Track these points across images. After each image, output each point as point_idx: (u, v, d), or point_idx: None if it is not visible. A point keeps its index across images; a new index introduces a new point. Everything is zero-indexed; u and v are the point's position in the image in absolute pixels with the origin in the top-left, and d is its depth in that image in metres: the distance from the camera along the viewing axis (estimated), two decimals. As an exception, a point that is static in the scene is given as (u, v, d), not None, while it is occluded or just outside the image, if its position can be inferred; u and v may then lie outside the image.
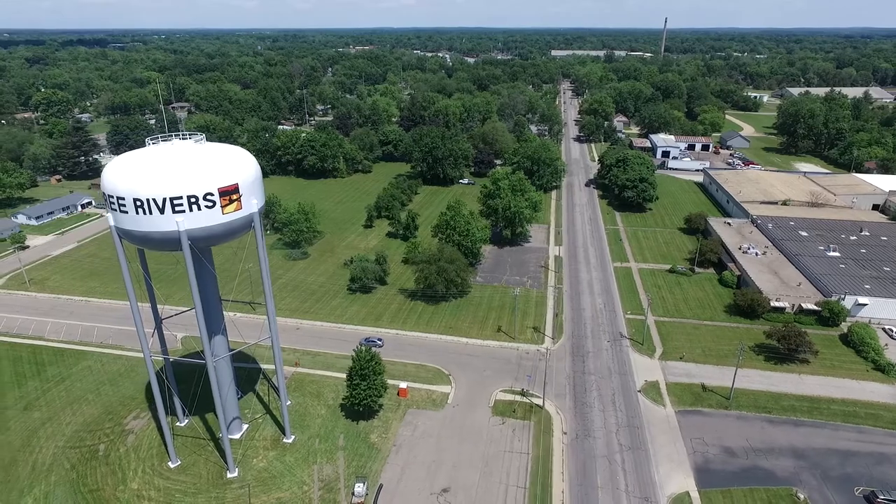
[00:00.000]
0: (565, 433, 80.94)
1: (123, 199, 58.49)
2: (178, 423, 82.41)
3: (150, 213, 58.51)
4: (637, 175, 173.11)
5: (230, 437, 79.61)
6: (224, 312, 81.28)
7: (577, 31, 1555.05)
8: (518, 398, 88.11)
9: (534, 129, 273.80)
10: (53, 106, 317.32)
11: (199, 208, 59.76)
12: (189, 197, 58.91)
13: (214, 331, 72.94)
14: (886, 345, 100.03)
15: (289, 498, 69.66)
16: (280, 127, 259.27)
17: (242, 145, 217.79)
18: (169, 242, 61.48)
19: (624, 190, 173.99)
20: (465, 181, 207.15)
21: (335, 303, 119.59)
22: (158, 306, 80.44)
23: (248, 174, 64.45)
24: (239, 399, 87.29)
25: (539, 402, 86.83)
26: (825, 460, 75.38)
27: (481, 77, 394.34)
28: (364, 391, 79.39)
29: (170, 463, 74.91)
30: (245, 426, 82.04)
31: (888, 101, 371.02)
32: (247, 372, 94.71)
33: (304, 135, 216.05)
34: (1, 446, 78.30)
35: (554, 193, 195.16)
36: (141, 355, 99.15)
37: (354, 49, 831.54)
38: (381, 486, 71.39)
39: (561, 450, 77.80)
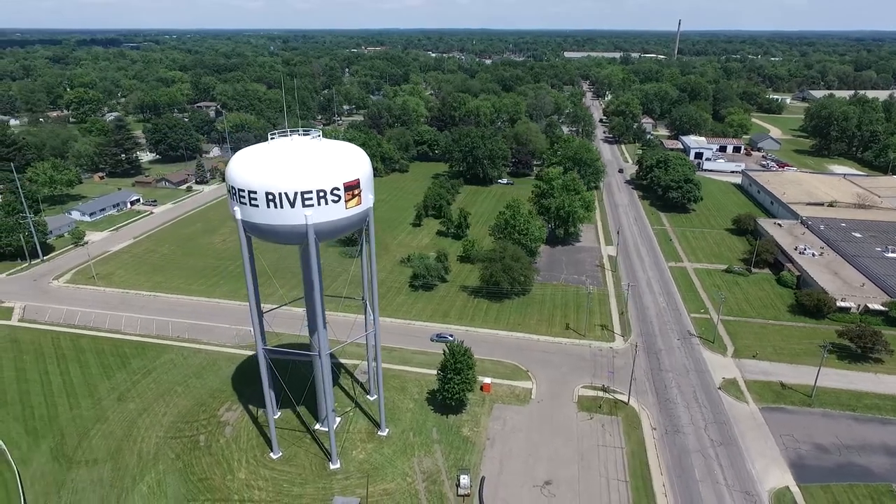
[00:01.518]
0: (654, 428, 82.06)
1: (255, 192, 59.99)
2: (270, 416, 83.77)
3: (281, 206, 59.99)
4: (682, 176, 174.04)
5: (325, 429, 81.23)
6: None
7: (585, 33, 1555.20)
8: (600, 394, 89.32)
9: (565, 129, 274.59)
10: (85, 105, 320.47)
11: (326, 202, 61.21)
12: (318, 191, 60.39)
13: (320, 325, 74.00)
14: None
15: (395, 489, 71.03)
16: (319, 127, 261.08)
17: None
18: (294, 236, 62.97)
19: (668, 191, 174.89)
20: (504, 181, 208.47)
21: (399, 299, 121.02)
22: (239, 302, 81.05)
23: (366, 170, 65.88)
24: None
25: (622, 398, 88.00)
26: (917, 457, 76.31)
27: (504, 78, 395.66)
28: (458, 385, 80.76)
29: (272, 454, 76.40)
30: (338, 419, 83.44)
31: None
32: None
33: (343, 134, 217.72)
34: (105, 436, 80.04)
35: (594, 194, 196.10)
36: (221, 349, 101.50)
37: (368, 50, 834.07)
38: (483, 479, 72.70)
39: (653, 444, 78.94)
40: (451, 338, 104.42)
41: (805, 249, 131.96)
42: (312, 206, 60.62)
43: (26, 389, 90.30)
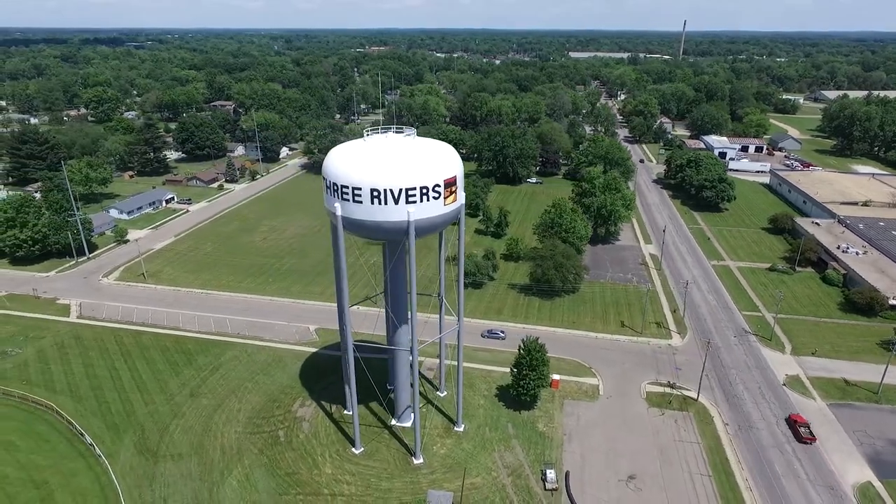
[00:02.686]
0: (727, 424, 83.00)
1: (360, 189, 60.81)
2: (345, 412, 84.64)
3: (385, 203, 60.84)
4: (716, 175, 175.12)
5: (403, 424, 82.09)
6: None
7: (587, 33, 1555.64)
8: (667, 391, 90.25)
9: (587, 129, 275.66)
10: (104, 103, 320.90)
11: (428, 199, 62.08)
12: (421, 188, 61.29)
13: (413, 321, 74.04)
14: None
15: (481, 483, 71.87)
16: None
17: (309, 143, 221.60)
18: (394, 232, 63.76)
19: (702, 190, 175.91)
20: (533, 180, 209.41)
21: (451, 297, 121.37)
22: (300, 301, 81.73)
23: (460, 168, 66.76)
24: (391, 391, 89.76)
25: (689, 394, 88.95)
26: None
27: (520, 78, 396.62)
28: (533, 381, 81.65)
29: (353, 449, 77.17)
30: (412, 415, 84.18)
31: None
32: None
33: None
34: (184, 430, 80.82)
35: (635, 192, 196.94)
36: (284, 346, 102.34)
37: (374, 50, 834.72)
38: (567, 473, 73.58)
39: (728, 440, 79.87)
40: (501, 334, 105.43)
41: (848, 248, 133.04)
42: (415, 202, 61.50)
43: (98, 385, 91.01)
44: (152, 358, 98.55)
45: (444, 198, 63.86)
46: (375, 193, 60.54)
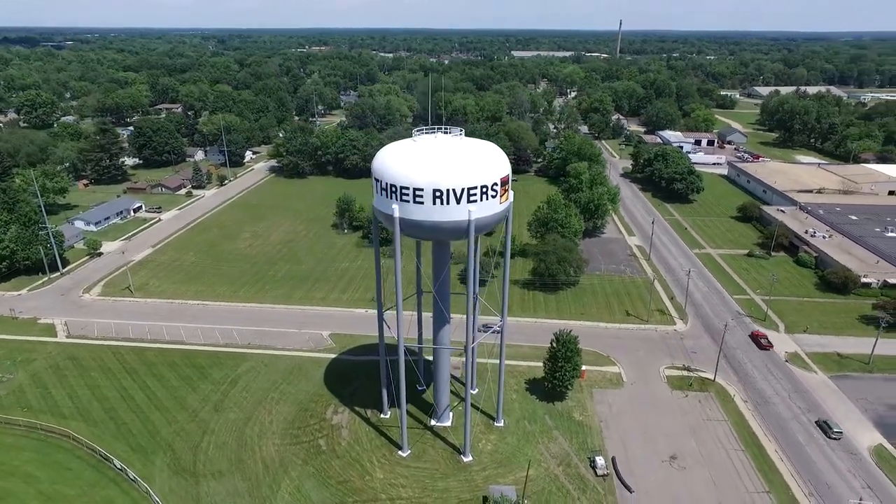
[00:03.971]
0: (745, 401, 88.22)
1: (422, 190, 60.68)
2: (381, 416, 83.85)
3: (447, 203, 61.02)
4: (685, 168, 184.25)
5: (442, 424, 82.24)
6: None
7: (526, 33, 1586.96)
8: (685, 373, 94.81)
9: (550, 126, 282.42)
10: (39, 108, 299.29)
11: (487, 198, 62.79)
12: (482, 187, 61.90)
13: (470, 321, 73.43)
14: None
15: (534, 475, 73.13)
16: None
17: (278, 146, 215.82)
18: (454, 232, 64.06)
19: (672, 182, 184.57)
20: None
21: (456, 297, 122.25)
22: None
23: (509, 166, 67.71)
24: (423, 391, 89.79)
25: (706, 375, 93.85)
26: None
27: (476, 77, 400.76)
28: (568, 372, 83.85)
29: (400, 452, 76.67)
30: (450, 414, 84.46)
31: (859, 98, 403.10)
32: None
33: (346, 134, 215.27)
34: (218, 447, 77.71)
35: (618, 187, 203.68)
36: (301, 354, 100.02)
37: (319, 50, 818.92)
38: (613, 458, 76.13)
39: (751, 415, 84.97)
40: (497, 328, 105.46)
41: (815, 233, 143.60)
42: (476, 202, 62.04)
43: (111, 406, 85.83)
44: (162, 374, 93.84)
45: (500, 196, 64.73)
46: (438, 194, 60.62)
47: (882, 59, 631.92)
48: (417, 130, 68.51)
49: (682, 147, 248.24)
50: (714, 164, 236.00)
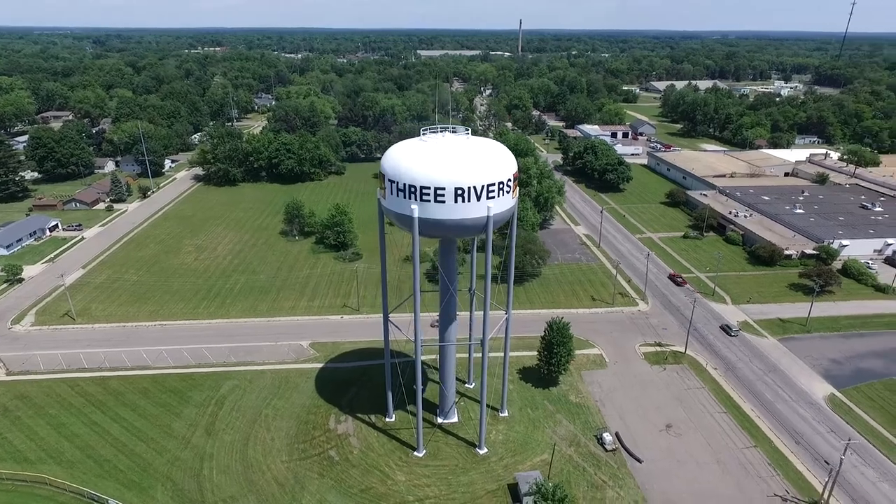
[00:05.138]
0: (715, 369, 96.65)
1: (443, 189, 61.04)
2: (386, 419, 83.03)
3: (468, 200, 61.86)
4: (615, 159, 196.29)
5: (449, 421, 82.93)
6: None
7: (429, 32, 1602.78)
8: (658, 349, 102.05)
9: (479, 124, 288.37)
10: None
11: (503, 193, 64.32)
12: (499, 183, 63.37)
13: (486, 318, 74.09)
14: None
15: (550, 458, 75.99)
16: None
17: (205, 153, 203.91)
18: (473, 228, 65.03)
19: (605, 173, 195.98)
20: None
21: (430, 295, 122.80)
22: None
23: (517, 163, 69.58)
24: (423, 391, 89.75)
25: (677, 349, 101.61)
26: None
27: (394, 76, 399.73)
28: (564, 357, 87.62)
29: (416, 453, 76.48)
30: (456, 410, 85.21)
31: (740, 91, 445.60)
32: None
33: (279, 138, 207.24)
34: (222, 471, 73.38)
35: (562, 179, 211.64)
36: (284, 367, 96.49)
37: (218, 50, 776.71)
38: (617, 433, 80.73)
39: (723, 381, 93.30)
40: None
41: (738, 213, 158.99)
42: (494, 198, 63.38)
43: (85, 444, 78.12)
44: (136, 403, 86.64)
45: (512, 191, 66.56)
46: (460, 192, 61.27)
47: (751, 56, 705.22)
48: (425, 130, 68.63)
49: (601, 139, 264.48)
50: (632, 154, 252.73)
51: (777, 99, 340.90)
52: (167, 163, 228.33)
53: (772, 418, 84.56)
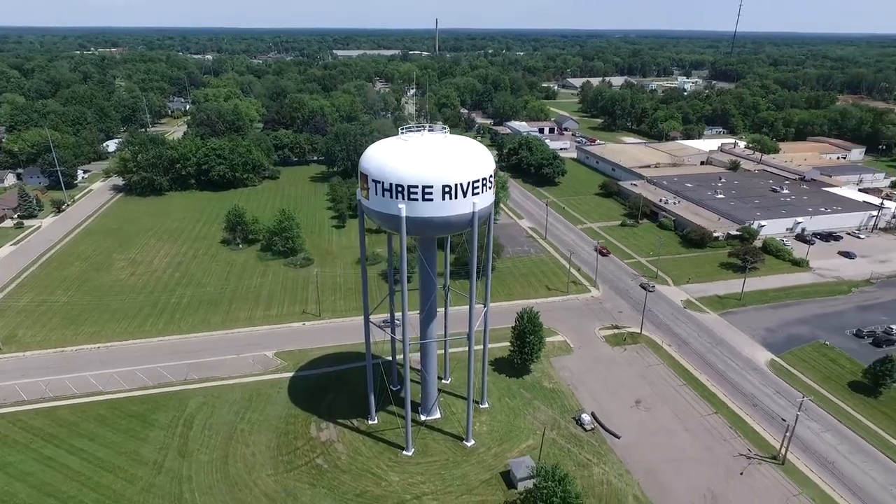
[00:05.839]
0: (669, 345, 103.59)
1: (431, 187, 61.64)
2: (370, 422, 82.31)
3: (455, 197, 62.84)
4: (550, 154, 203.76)
5: (432, 418, 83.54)
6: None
7: (343, 31, 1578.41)
8: (616, 331, 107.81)
9: (411, 123, 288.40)
10: None
11: (485, 189, 65.95)
12: (482, 179, 64.87)
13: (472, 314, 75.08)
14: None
15: (535, 443, 78.57)
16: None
17: (125, 161, 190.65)
18: (460, 225, 66.00)
19: (541, 168, 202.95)
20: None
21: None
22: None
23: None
24: (398, 390, 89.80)
25: (633, 330, 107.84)
26: (819, 321, 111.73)
27: (318, 77, 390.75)
28: (536, 345, 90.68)
29: (405, 452, 76.47)
30: (438, 406, 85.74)
31: (648, 86, 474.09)
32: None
33: (207, 143, 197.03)
34: (205, 493, 69.81)
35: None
36: (252, 379, 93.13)
37: (117, 51, 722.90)
38: (593, 413, 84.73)
39: (678, 356, 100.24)
40: (398, 323, 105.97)
41: (668, 201, 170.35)
42: (478, 194, 64.79)
43: (39, 482, 71.48)
44: (93, 432, 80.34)
45: (492, 187, 68.20)
46: (447, 189, 62.14)
47: (654, 53, 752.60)
48: (404, 129, 68.75)
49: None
50: (562, 149, 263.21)
51: (685, 93, 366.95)
52: (79, 173, 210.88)
53: (726, 386, 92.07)
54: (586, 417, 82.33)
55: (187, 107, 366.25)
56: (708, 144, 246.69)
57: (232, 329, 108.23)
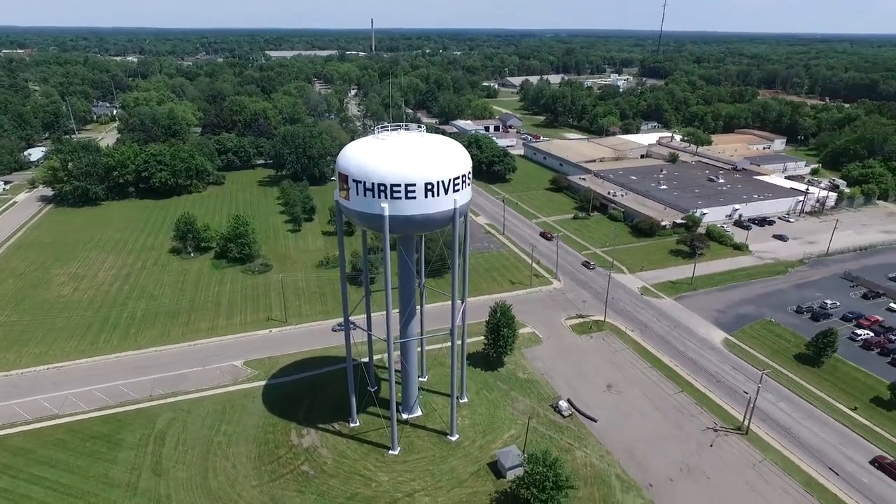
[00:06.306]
0: (632, 330, 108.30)
1: (414, 185, 61.92)
2: (352, 425, 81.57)
3: (437, 195, 63.42)
4: (500, 151, 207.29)
5: (415, 415, 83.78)
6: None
7: (274, 32, 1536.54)
8: (581, 320, 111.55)
9: (357, 124, 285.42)
10: None
11: (464, 186, 66.91)
12: (462, 176, 65.80)
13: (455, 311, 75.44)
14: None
15: (518, 432, 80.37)
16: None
17: (55, 170, 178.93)
18: (441, 221, 66.55)
19: (492, 165, 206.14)
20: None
21: (355, 297, 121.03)
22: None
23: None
24: (376, 390, 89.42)
25: (598, 318, 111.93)
26: (763, 300, 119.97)
27: (256, 79, 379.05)
28: (510, 336, 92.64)
29: (391, 452, 76.34)
30: (418, 404, 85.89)
31: (584, 84, 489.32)
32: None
33: (147, 149, 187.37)
34: (190, 510, 67.06)
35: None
36: (223, 390, 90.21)
37: (25, 53, 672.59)
38: (569, 399, 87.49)
39: (641, 339, 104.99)
40: (353, 326, 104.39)
41: (616, 193, 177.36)
42: (459, 190, 65.66)
43: (3, 515, 66.55)
44: (54, 458, 75.43)
45: (470, 183, 69.21)
46: (430, 187, 62.59)
47: (587, 52, 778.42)
48: (380, 128, 68.61)
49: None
50: (508, 146, 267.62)
51: (620, 90, 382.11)
52: (0, 184, 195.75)
53: (688, 365, 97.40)
54: (563, 404, 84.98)
55: (114, 112, 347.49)
56: (647, 138, 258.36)
57: (194, 341, 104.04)
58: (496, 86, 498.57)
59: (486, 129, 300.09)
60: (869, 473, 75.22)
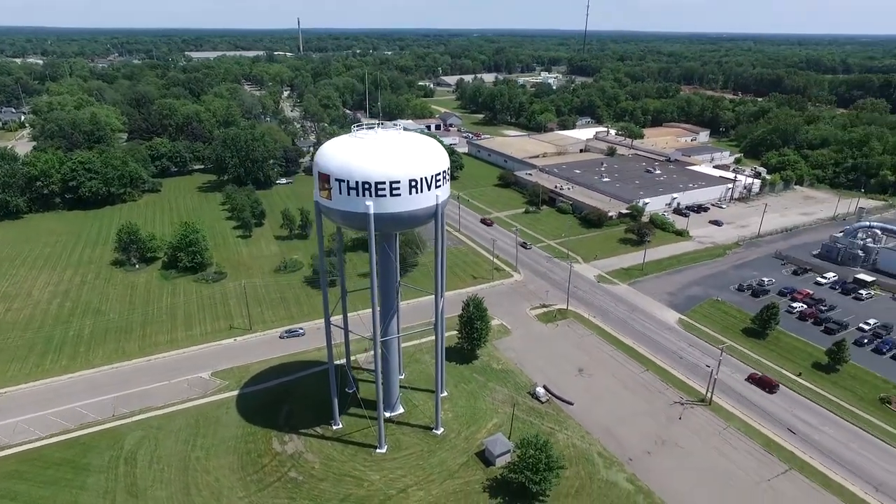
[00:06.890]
0: (594, 317, 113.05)
1: (398, 182, 62.31)
2: (335, 427, 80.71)
3: (420, 191, 64.12)
4: (449, 149, 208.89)
5: (397, 413, 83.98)
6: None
7: (192, 32, 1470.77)
8: (545, 310, 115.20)
9: (297, 125, 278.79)
10: None
11: (445, 182, 68.04)
12: (443, 173, 66.85)
13: (438, 309, 76.18)
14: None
15: (500, 421, 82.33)
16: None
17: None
18: (425, 217, 67.26)
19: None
20: (284, 181, 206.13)
21: (315, 301, 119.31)
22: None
23: (444, 153, 73.16)
24: (354, 391, 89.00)
25: (561, 306, 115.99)
26: (708, 281, 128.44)
27: (182, 81, 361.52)
28: (483, 329, 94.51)
29: (379, 450, 76.26)
30: (400, 405, 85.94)
31: (518, 82, 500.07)
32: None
33: (74, 156, 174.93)
34: (177, 529, 64.22)
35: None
36: (193, 403, 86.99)
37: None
38: (545, 386, 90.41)
39: (604, 324, 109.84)
40: (300, 331, 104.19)
41: (562, 187, 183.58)
42: (440, 186, 66.64)
43: (-35, 556, 61.15)
44: (13, 490, 70.00)
45: (449, 179, 70.27)
46: (413, 183, 63.23)
47: (516, 51, 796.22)
48: (356, 127, 68.31)
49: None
50: (452, 144, 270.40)
51: (553, 88, 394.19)
52: None
53: (649, 345, 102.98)
54: (540, 390, 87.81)
55: (23, 117, 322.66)
56: (584, 133, 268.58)
57: (154, 355, 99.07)
58: (432, 85, 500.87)
59: (428, 128, 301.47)
60: (820, 431, 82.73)
